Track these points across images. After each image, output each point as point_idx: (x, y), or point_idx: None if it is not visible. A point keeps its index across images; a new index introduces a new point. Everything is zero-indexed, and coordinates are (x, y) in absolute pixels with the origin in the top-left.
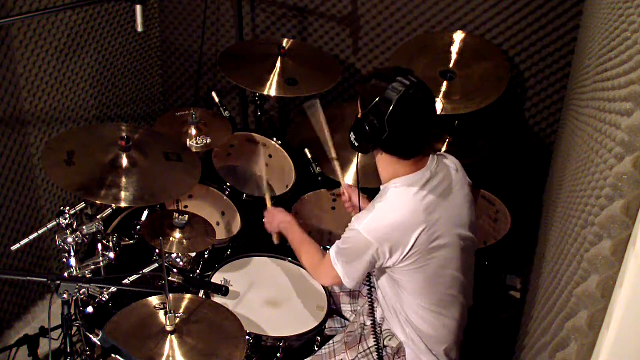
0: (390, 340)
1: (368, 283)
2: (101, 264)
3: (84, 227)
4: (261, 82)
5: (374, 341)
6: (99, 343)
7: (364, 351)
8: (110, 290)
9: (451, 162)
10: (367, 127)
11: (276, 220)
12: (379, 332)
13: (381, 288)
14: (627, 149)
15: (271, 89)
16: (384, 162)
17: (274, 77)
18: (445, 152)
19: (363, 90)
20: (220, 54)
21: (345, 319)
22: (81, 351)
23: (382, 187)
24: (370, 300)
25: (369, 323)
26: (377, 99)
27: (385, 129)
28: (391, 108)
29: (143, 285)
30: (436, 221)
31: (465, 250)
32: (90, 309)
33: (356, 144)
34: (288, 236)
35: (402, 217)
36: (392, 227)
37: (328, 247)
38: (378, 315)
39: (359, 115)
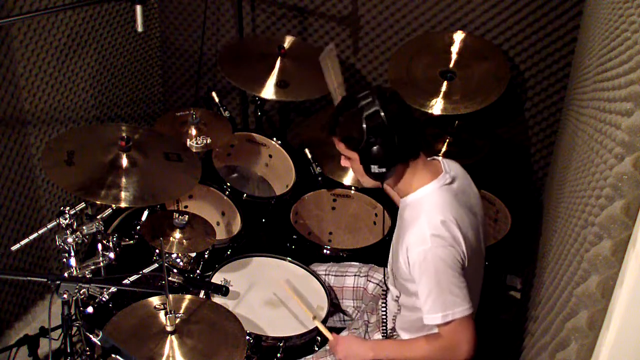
0: (396, 338)
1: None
2: (101, 264)
3: (84, 227)
4: (258, 83)
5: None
6: (99, 343)
7: None
8: (110, 290)
9: (456, 164)
10: (379, 148)
11: (354, 354)
12: (389, 328)
13: (391, 290)
14: (627, 149)
15: (265, 91)
16: (407, 174)
17: (271, 79)
18: (445, 152)
19: (342, 131)
20: (221, 50)
21: (346, 314)
22: (81, 351)
23: (406, 200)
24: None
25: (372, 320)
26: (363, 120)
27: (391, 133)
28: (382, 112)
29: (143, 285)
30: (466, 222)
31: (482, 251)
32: (90, 309)
33: (383, 170)
34: (389, 358)
35: (452, 210)
36: (450, 222)
37: (328, 247)
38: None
39: (360, 151)
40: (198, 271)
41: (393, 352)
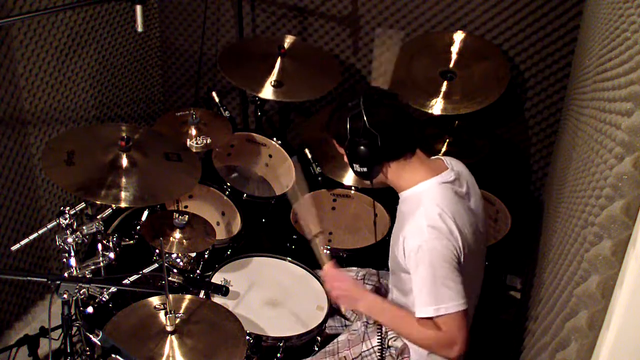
0: (395, 340)
1: (373, 284)
2: (101, 264)
3: (84, 227)
4: (258, 83)
5: (378, 341)
6: (99, 343)
7: (367, 350)
8: (110, 290)
9: (461, 163)
10: (361, 148)
11: (346, 291)
12: (384, 331)
13: (392, 291)
14: (627, 149)
15: (263, 91)
16: (396, 171)
17: (270, 79)
18: (445, 152)
19: (332, 130)
20: (221, 50)
21: (346, 318)
22: (81, 351)
23: (404, 194)
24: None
25: (372, 321)
26: (348, 121)
27: (374, 135)
28: (364, 115)
29: (143, 285)
30: (465, 220)
31: (482, 250)
32: (90, 309)
33: (364, 170)
34: (375, 318)
35: (450, 206)
36: (447, 216)
37: (328, 247)
38: None
39: (345, 149)
40: (198, 271)
41: (383, 316)
